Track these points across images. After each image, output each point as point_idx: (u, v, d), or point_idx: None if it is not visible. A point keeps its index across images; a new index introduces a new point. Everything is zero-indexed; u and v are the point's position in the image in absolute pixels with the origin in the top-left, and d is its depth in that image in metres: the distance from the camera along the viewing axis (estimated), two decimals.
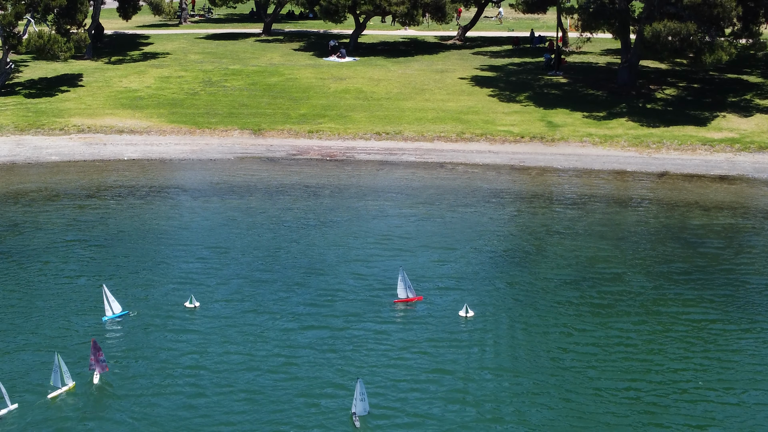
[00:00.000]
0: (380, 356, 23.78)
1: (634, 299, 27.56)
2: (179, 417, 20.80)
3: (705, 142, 46.61)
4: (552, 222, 35.71)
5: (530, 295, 27.75)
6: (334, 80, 58.62)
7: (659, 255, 31.46)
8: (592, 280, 29.08)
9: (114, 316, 25.91)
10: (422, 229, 34.08)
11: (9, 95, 55.50)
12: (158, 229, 34.46)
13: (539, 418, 20.97)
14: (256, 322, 25.73)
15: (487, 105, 53.40)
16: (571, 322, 25.99)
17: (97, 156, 45.91)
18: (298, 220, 35.30)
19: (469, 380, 22.57)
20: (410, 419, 20.82)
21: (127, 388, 22.08)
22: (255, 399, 21.57)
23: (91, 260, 31.00)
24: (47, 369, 22.31)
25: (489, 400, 21.68)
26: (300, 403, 21.41)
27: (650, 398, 21.75)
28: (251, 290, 28.12)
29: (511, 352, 24.21)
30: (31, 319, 26.02)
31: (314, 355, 23.75)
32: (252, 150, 47.08)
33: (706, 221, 35.49)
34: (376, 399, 21.39)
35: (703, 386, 22.25)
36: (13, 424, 20.53)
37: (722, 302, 27.30)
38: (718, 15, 47.07)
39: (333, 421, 20.64)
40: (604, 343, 24.67)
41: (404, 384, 22.34)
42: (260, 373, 22.80)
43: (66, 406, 21.36)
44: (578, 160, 44.86)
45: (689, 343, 24.58)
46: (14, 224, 34.95)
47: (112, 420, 20.76)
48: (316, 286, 28.52)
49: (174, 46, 70.90)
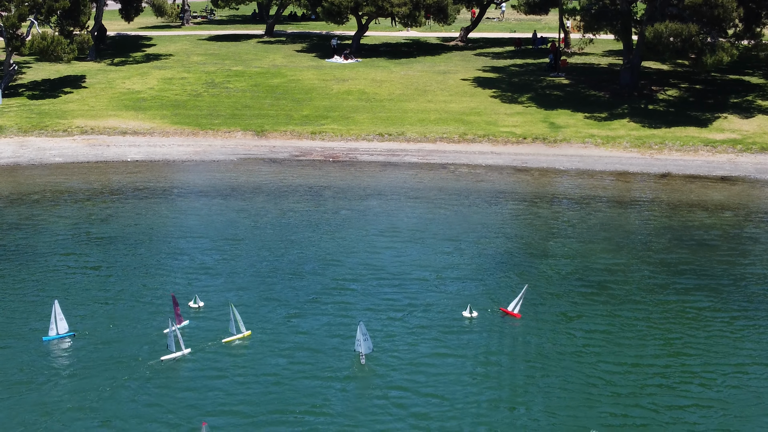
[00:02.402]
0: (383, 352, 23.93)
1: (637, 298, 27.61)
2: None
3: (707, 143, 46.68)
4: (554, 222, 35.79)
5: (534, 295, 27.81)
6: (337, 81, 58.73)
7: (661, 255, 31.51)
8: (595, 281, 29.15)
9: (57, 336, 24.83)
10: (425, 231, 34.13)
11: (12, 97, 55.65)
12: (162, 230, 34.55)
13: (543, 414, 21.08)
14: (264, 317, 25.83)
15: (489, 106, 53.49)
16: (575, 321, 26.06)
17: (101, 157, 46.04)
18: (302, 220, 35.38)
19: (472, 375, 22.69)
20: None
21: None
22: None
23: (92, 259, 31.09)
24: (226, 320, 25.17)
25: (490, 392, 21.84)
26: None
27: (652, 391, 21.84)
28: (255, 288, 28.21)
29: (514, 350, 24.29)
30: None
31: (320, 339, 23.95)
32: (255, 151, 47.20)
33: (709, 222, 35.55)
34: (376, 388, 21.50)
35: (714, 380, 22.36)
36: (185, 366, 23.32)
37: (725, 300, 27.35)
38: (719, 16, 47.14)
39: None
40: (609, 341, 24.73)
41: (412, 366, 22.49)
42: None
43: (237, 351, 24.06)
44: (580, 161, 44.94)
45: (694, 340, 24.66)
46: (18, 224, 35.04)
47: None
48: (321, 283, 28.61)
49: (176, 48, 71.06)
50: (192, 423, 20.74)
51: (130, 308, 27.01)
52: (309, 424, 20.78)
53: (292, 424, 20.73)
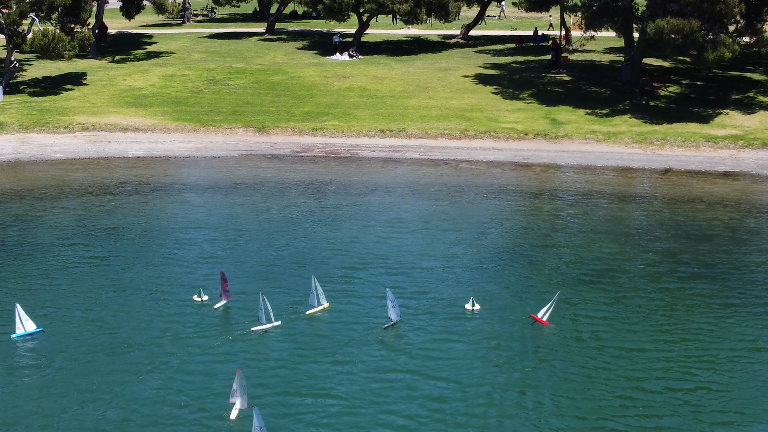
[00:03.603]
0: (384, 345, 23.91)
1: (639, 292, 27.59)
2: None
3: (708, 139, 46.69)
4: (556, 217, 35.78)
5: (536, 288, 27.81)
6: (338, 78, 58.72)
7: (663, 249, 31.50)
8: (597, 275, 29.13)
9: (25, 333, 24.60)
10: (427, 224, 34.12)
11: (13, 94, 55.63)
12: (163, 225, 34.54)
13: (546, 409, 21.07)
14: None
15: (490, 102, 53.49)
16: (577, 315, 26.04)
17: (102, 154, 46.05)
18: (303, 215, 35.37)
19: (473, 371, 22.67)
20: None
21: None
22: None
23: (92, 256, 31.07)
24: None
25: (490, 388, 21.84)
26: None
27: (659, 375, 21.85)
28: (258, 283, 28.19)
29: (516, 344, 24.28)
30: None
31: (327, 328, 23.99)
32: (256, 148, 47.20)
33: (710, 216, 35.53)
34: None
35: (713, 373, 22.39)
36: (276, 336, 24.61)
37: (727, 295, 27.33)
38: (721, 12, 47.15)
39: None
40: (610, 336, 24.72)
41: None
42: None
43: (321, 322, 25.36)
44: (582, 157, 44.93)
45: (696, 335, 24.66)
46: (20, 219, 35.02)
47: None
48: (325, 276, 28.59)
49: (177, 45, 71.06)
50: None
51: (137, 297, 27.04)
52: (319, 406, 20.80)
53: (297, 406, 20.72)
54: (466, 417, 20.67)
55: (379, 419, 20.57)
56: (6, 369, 22.91)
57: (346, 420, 20.50)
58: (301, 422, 20.40)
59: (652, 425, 20.38)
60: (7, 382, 22.23)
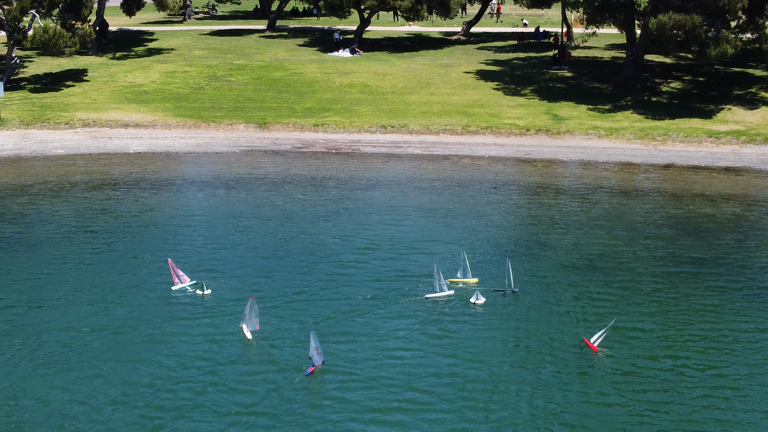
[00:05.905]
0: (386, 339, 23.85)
1: (641, 287, 27.51)
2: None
3: (711, 135, 46.60)
4: (558, 212, 35.70)
5: (539, 283, 27.73)
6: (339, 75, 58.65)
7: (666, 244, 31.40)
8: (599, 269, 29.05)
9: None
10: (429, 220, 34.06)
11: (14, 90, 55.58)
12: (165, 221, 34.46)
13: (547, 407, 21.02)
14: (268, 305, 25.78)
15: (492, 98, 53.41)
16: (579, 309, 25.97)
17: (103, 149, 45.97)
18: (305, 210, 35.30)
19: (478, 366, 22.61)
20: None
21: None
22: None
23: (92, 251, 30.99)
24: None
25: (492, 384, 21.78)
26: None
27: (663, 365, 21.78)
28: (261, 277, 28.14)
29: (519, 337, 24.22)
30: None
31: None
32: (257, 143, 47.13)
33: (712, 211, 35.43)
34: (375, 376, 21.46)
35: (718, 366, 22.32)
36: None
37: (729, 289, 27.25)
38: (723, 8, 47.07)
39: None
40: (612, 331, 24.67)
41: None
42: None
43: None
44: (584, 152, 44.86)
45: (699, 329, 24.60)
46: (21, 214, 34.98)
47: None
48: (326, 271, 28.56)
49: (178, 42, 70.99)
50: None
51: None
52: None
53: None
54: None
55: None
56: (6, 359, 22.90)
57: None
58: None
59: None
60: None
